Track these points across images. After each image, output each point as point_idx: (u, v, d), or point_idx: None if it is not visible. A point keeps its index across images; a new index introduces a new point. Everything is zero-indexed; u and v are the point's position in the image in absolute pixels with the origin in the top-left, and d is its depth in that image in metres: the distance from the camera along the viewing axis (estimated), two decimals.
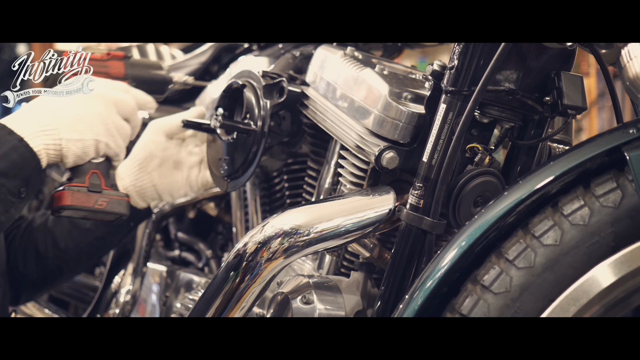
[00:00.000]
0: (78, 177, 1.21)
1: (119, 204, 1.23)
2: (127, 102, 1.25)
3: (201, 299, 1.17)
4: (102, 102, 1.21)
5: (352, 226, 1.15)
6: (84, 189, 1.20)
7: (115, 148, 1.23)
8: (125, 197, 1.24)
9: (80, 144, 1.17)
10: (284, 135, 1.38)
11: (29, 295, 1.57)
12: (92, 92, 1.20)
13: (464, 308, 1.00)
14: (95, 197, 1.21)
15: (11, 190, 1.12)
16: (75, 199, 1.19)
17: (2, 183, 1.11)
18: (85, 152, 1.18)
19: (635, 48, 1.03)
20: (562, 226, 0.98)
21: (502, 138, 1.18)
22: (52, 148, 1.16)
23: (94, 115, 1.19)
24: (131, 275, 1.69)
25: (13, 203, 1.12)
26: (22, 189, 1.13)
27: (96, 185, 1.21)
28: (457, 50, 1.10)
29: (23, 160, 1.13)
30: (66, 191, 1.19)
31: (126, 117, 1.25)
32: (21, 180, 1.12)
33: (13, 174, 1.12)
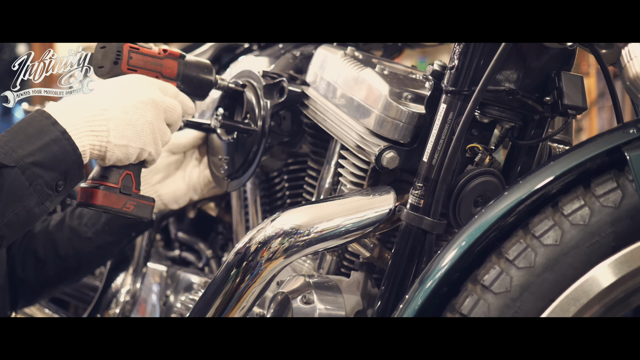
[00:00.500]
0: (111, 176, 1.18)
1: (145, 208, 1.22)
2: (175, 110, 1.22)
3: (201, 299, 1.17)
4: (154, 110, 1.18)
5: (352, 226, 1.15)
6: (115, 190, 1.18)
7: (155, 155, 1.21)
8: (152, 202, 1.23)
9: (125, 150, 1.15)
10: (284, 135, 1.38)
11: (27, 301, 1.55)
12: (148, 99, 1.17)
13: (464, 308, 1.00)
14: (125, 200, 1.19)
15: (48, 183, 1.09)
16: (106, 199, 1.18)
17: (40, 174, 1.07)
18: (127, 157, 1.16)
19: (635, 48, 1.03)
20: (563, 226, 0.98)
21: (502, 138, 1.18)
22: (97, 149, 1.13)
23: (145, 125, 1.16)
24: (131, 275, 1.69)
25: (49, 196, 1.10)
26: (60, 183, 1.10)
27: (128, 188, 1.19)
28: (458, 50, 1.10)
29: (64, 153, 1.10)
30: (100, 190, 1.17)
31: (170, 123, 1.23)
32: (59, 174, 1.10)
33: (52, 167, 1.09)
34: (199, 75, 1.28)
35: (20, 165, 1.06)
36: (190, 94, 1.28)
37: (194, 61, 1.29)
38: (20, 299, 1.52)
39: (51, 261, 1.49)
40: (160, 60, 1.25)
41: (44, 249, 1.49)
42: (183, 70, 1.27)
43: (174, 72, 1.26)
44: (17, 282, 1.49)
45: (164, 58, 1.25)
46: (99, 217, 1.49)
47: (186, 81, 1.27)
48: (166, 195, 1.47)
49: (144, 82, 1.19)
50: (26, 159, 1.06)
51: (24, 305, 1.57)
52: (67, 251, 1.49)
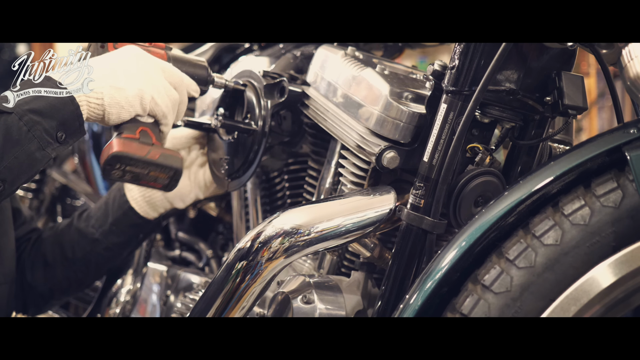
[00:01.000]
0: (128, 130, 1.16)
1: (172, 158, 1.17)
2: (173, 70, 1.21)
3: (201, 298, 1.17)
4: (149, 62, 1.18)
5: (352, 226, 1.15)
6: (135, 140, 1.15)
7: (163, 106, 1.18)
8: (178, 154, 1.20)
9: (123, 93, 1.14)
10: (285, 135, 1.38)
11: (37, 308, 1.54)
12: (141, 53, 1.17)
13: (464, 308, 1.00)
14: (147, 148, 1.15)
15: (47, 130, 1.09)
16: (126, 146, 1.14)
17: (37, 121, 1.08)
18: (128, 101, 1.14)
19: (635, 48, 1.03)
20: (563, 226, 0.98)
21: (502, 138, 1.18)
22: (94, 96, 1.13)
23: (140, 70, 1.16)
24: (132, 275, 1.69)
25: (50, 143, 1.10)
26: (60, 133, 1.10)
27: (147, 138, 1.16)
28: (458, 50, 1.10)
29: (61, 103, 1.10)
30: (117, 139, 1.15)
31: (173, 83, 1.21)
32: (58, 122, 1.10)
33: (50, 114, 1.09)
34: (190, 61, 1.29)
35: (17, 112, 1.07)
36: None
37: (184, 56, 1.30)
38: (30, 305, 1.52)
39: (59, 264, 1.48)
40: (147, 48, 1.25)
41: (52, 252, 1.48)
42: (173, 58, 1.27)
43: (163, 59, 1.26)
44: (27, 287, 1.49)
45: (151, 47, 1.26)
46: (106, 218, 1.48)
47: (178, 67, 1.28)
48: (172, 193, 1.46)
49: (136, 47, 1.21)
50: (23, 106, 1.08)
51: (34, 312, 1.55)
52: (74, 254, 1.48)
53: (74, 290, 1.59)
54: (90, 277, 1.55)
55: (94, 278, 1.58)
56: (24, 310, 1.51)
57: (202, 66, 1.30)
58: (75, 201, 2.00)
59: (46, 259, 1.48)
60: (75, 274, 1.50)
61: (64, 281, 1.50)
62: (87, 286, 1.63)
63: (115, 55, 1.19)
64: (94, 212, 1.50)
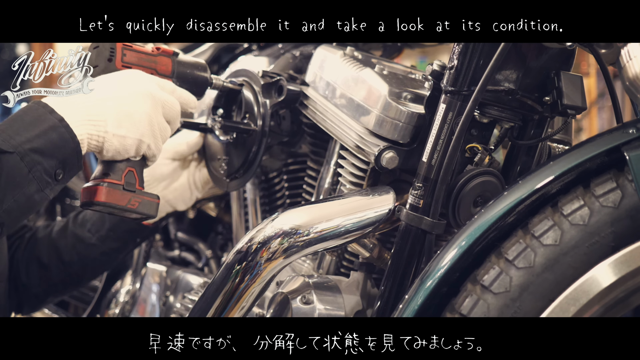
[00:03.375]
0: (114, 173, 1.17)
1: (150, 205, 1.20)
2: (173, 105, 1.21)
3: (201, 299, 1.17)
4: (152, 103, 1.17)
5: (351, 226, 1.15)
6: (119, 187, 1.17)
7: (155, 150, 1.20)
8: (157, 199, 1.22)
9: (124, 141, 1.14)
10: (284, 135, 1.38)
11: (31, 307, 1.54)
12: (145, 91, 1.17)
13: (463, 308, 1.00)
14: (129, 197, 1.17)
15: (47, 170, 1.08)
16: (110, 196, 1.16)
17: (38, 161, 1.07)
18: (126, 149, 1.15)
19: (634, 48, 1.03)
20: (562, 226, 0.98)
21: (501, 138, 1.18)
22: (95, 139, 1.12)
23: (143, 116, 1.16)
24: (131, 275, 1.69)
25: (49, 184, 1.09)
26: (59, 171, 1.09)
27: (131, 185, 1.18)
28: (457, 50, 1.10)
29: (62, 140, 1.09)
30: (102, 187, 1.16)
31: (169, 120, 1.22)
32: (58, 161, 1.09)
33: (50, 154, 1.08)
34: (193, 72, 1.29)
35: (19, 152, 1.05)
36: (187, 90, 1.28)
37: (188, 59, 1.29)
38: (25, 305, 1.52)
39: (55, 267, 1.48)
40: (154, 58, 1.25)
41: (47, 255, 1.48)
42: (177, 67, 1.27)
43: (168, 69, 1.26)
44: (21, 288, 1.48)
45: (158, 55, 1.25)
46: (103, 223, 1.48)
47: (181, 78, 1.27)
48: (174, 199, 1.47)
49: (141, 75, 1.20)
50: (25, 145, 1.06)
51: (29, 311, 1.55)
52: (71, 257, 1.48)
53: (69, 291, 1.59)
54: (86, 280, 1.55)
55: (89, 280, 1.58)
56: (19, 309, 1.51)
57: (204, 68, 1.31)
58: (75, 201, 1.99)
59: (41, 261, 1.48)
60: (70, 277, 1.50)
61: (59, 283, 1.50)
62: (82, 287, 1.64)
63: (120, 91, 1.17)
64: (90, 216, 1.50)
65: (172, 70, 1.26)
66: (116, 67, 1.21)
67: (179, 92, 1.25)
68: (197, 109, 1.39)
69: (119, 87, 1.16)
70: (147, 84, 1.18)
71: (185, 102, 1.26)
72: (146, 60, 1.24)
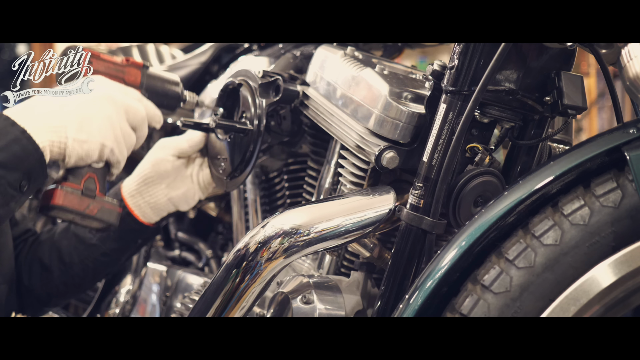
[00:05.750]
0: (74, 177, 1.17)
1: (110, 213, 1.19)
2: (138, 110, 1.21)
3: (201, 299, 1.17)
4: (113, 107, 1.17)
5: (352, 226, 1.15)
6: (77, 192, 1.16)
7: (119, 155, 1.20)
8: (118, 207, 1.21)
9: (86, 146, 1.14)
10: (284, 135, 1.38)
11: (34, 310, 1.53)
12: (105, 95, 1.16)
13: (464, 308, 1.00)
14: (87, 202, 1.17)
15: (11, 183, 1.08)
16: (67, 200, 1.15)
17: (2, 175, 1.07)
18: (88, 154, 1.15)
19: (635, 48, 1.03)
20: (562, 226, 0.98)
21: (502, 138, 1.18)
22: (57, 145, 1.12)
23: (104, 119, 1.16)
24: (131, 275, 1.69)
25: (13, 197, 1.09)
26: (24, 183, 1.09)
27: (91, 190, 1.17)
28: (458, 50, 1.10)
29: (25, 152, 1.09)
30: (59, 190, 1.16)
31: (134, 126, 1.22)
32: (22, 174, 1.09)
33: (14, 166, 1.08)
34: (164, 86, 1.27)
35: None
36: (156, 104, 1.27)
37: (159, 73, 1.28)
38: (27, 308, 1.51)
39: (56, 269, 1.48)
40: (123, 68, 1.24)
41: (49, 257, 1.48)
42: (147, 80, 1.26)
43: (137, 80, 1.25)
44: (24, 291, 1.48)
45: (127, 66, 1.24)
46: None
47: (150, 90, 1.26)
48: (177, 197, 1.47)
49: (103, 80, 1.19)
50: None
51: (32, 314, 1.55)
52: (72, 258, 1.48)
53: (72, 294, 1.58)
54: (88, 282, 1.55)
55: (91, 282, 1.57)
56: (21, 312, 1.51)
57: (176, 83, 1.29)
58: None
59: (43, 263, 1.48)
60: (72, 279, 1.49)
61: (61, 285, 1.50)
62: (85, 290, 1.63)
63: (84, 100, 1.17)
64: None
65: (140, 82, 1.25)
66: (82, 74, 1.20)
67: (145, 102, 1.24)
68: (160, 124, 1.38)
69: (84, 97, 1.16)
70: (108, 88, 1.18)
71: (151, 114, 1.25)
72: (114, 69, 1.23)
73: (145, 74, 1.26)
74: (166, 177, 1.45)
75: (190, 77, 1.72)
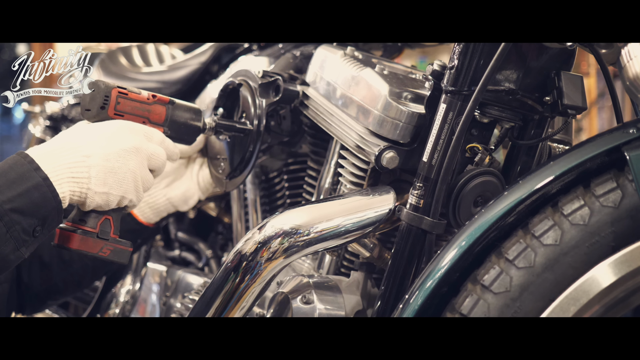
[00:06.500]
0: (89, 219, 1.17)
1: (121, 254, 1.20)
2: (160, 156, 1.21)
3: (201, 299, 1.17)
4: (137, 158, 1.17)
5: (352, 226, 1.15)
6: (93, 235, 1.17)
7: (136, 202, 1.20)
8: (130, 247, 1.22)
9: (106, 197, 1.14)
10: (284, 135, 1.38)
11: (33, 307, 1.54)
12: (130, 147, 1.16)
13: (464, 308, 1.00)
14: (101, 245, 1.18)
15: (25, 229, 1.08)
16: (83, 244, 1.16)
17: (18, 221, 1.06)
18: (107, 204, 1.16)
19: (635, 48, 1.03)
20: (562, 226, 0.98)
21: (502, 138, 1.18)
22: (77, 195, 1.12)
23: (127, 173, 1.15)
24: (131, 275, 1.69)
25: (26, 242, 1.09)
26: (38, 228, 1.09)
27: (105, 233, 1.18)
28: (457, 50, 1.10)
29: (44, 200, 1.09)
30: (76, 235, 1.16)
31: (154, 169, 1.22)
32: (38, 220, 1.09)
33: (30, 213, 1.08)
34: (187, 122, 1.27)
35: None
36: (176, 139, 1.26)
37: (183, 106, 1.27)
38: (27, 305, 1.51)
39: (56, 267, 1.48)
40: (149, 106, 1.23)
41: (49, 254, 1.48)
42: (171, 116, 1.25)
43: (161, 118, 1.24)
44: (24, 288, 1.48)
45: (153, 104, 1.23)
46: None
47: (173, 127, 1.26)
48: (176, 197, 1.47)
49: (128, 129, 1.18)
50: (5, 205, 1.05)
51: (31, 312, 1.55)
52: (71, 256, 1.48)
53: (71, 292, 1.58)
54: (87, 280, 1.55)
55: (91, 281, 1.57)
56: (21, 310, 1.51)
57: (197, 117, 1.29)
58: None
59: (43, 260, 1.48)
60: (72, 277, 1.50)
61: (60, 283, 1.50)
62: (84, 288, 1.63)
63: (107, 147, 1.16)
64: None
65: (165, 119, 1.25)
66: (108, 115, 1.19)
67: (167, 143, 1.24)
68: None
69: (105, 143, 1.15)
70: (134, 139, 1.17)
71: (170, 154, 1.25)
72: (140, 109, 1.22)
73: (170, 111, 1.25)
74: (165, 177, 1.46)
75: (190, 77, 1.72)
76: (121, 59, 1.94)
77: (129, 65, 1.92)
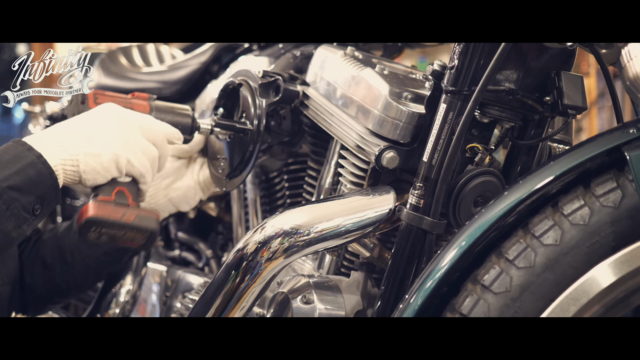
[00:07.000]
0: (104, 192, 1.16)
1: (147, 219, 1.17)
2: (152, 127, 1.21)
3: (201, 299, 1.17)
4: (125, 122, 1.18)
5: (352, 226, 1.15)
6: (110, 202, 1.15)
7: (139, 166, 1.18)
8: (155, 213, 1.19)
9: (99, 159, 1.14)
10: (285, 135, 1.38)
11: (36, 309, 1.54)
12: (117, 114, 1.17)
13: (464, 308, 1.00)
14: (122, 211, 1.15)
15: (25, 206, 1.09)
16: (101, 210, 1.14)
17: (16, 198, 1.08)
18: (104, 166, 1.15)
19: (635, 48, 1.03)
20: (562, 226, 0.98)
21: (502, 138, 1.18)
22: (70, 163, 1.13)
23: (115, 132, 1.16)
24: (131, 275, 1.69)
25: (26, 219, 1.10)
26: (37, 206, 1.11)
27: (123, 199, 1.16)
28: (458, 50, 1.10)
29: (40, 176, 1.10)
30: (91, 202, 1.15)
31: (152, 141, 1.21)
32: (36, 197, 1.10)
33: (28, 190, 1.09)
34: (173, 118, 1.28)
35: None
36: None
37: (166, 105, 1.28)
38: (30, 306, 1.52)
39: (58, 267, 1.48)
40: (130, 100, 1.24)
41: (51, 255, 1.48)
42: (155, 107, 1.26)
43: (146, 110, 1.25)
44: (26, 289, 1.49)
45: (133, 99, 1.24)
46: None
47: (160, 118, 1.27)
48: (177, 197, 1.47)
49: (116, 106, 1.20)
50: (2, 183, 1.07)
51: (34, 313, 1.56)
52: (73, 257, 1.48)
53: (74, 294, 1.59)
54: (90, 281, 1.55)
55: (93, 282, 1.57)
56: (24, 311, 1.51)
57: (186, 114, 1.30)
58: (75, 201, 2.00)
59: (45, 262, 1.48)
60: (74, 278, 1.50)
61: (62, 284, 1.50)
62: (86, 289, 1.63)
63: (92, 118, 1.18)
64: None
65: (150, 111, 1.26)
66: (89, 107, 1.21)
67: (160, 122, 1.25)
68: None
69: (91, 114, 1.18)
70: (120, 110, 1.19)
71: (169, 132, 1.25)
72: (121, 101, 1.24)
73: (152, 105, 1.26)
74: (166, 177, 1.45)
75: (191, 77, 1.72)
76: (121, 59, 1.94)
77: (129, 65, 1.92)
